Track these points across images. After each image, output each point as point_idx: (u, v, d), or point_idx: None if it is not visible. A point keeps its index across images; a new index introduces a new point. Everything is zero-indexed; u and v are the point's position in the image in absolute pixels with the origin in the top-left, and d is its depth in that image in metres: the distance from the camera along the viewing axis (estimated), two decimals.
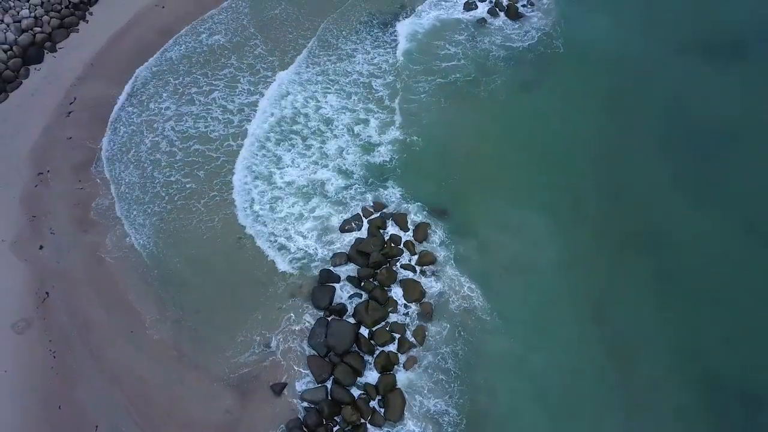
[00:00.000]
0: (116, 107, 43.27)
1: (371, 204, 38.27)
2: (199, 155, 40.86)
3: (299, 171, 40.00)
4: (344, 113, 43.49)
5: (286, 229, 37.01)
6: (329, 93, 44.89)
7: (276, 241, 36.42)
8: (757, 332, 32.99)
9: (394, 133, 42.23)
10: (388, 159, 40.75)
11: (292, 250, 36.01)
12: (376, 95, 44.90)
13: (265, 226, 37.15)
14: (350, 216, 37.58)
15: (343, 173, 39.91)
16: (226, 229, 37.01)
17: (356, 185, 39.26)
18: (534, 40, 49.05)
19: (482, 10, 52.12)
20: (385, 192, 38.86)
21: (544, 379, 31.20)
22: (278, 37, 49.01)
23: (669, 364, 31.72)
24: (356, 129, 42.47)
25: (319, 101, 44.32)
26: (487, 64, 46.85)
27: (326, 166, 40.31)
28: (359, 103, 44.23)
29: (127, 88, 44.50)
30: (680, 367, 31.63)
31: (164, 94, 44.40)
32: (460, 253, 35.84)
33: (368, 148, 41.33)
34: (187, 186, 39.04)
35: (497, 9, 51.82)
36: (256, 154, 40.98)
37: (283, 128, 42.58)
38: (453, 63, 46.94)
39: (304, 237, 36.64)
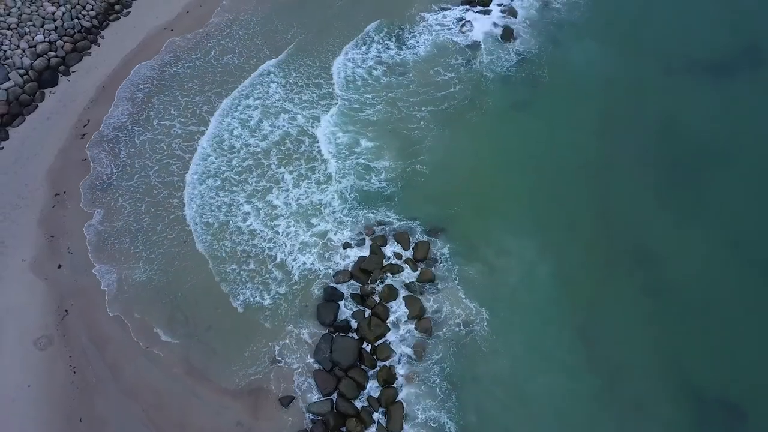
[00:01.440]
0: (122, 124, 44.80)
1: (373, 223, 40.05)
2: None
3: (300, 191, 41.57)
4: (344, 135, 45.01)
5: (287, 245, 38.71)
6: (329, 115, 46.28)
7: (280, 259, 38.19)
8: (741, 346, 34.70)
9: (394, 155, 43.71)
10: (389, 180, 42.21)
11: (296, 268, 37.76)
12: (373, 119, 46.14)
13: (270, 242, 38.96)
14: (352, 235, 39.38)
15: (344, 194, 41.44)
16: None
17: (357, 205, 40.87)
18: (528, 62, 50.32)
19: (478, 32, 53.79)
20: (387, 212, 40.52)
21: (539, 396, 32.85)
22: (289, 60, 50.66)
23: (658, 381, 33.36)
24: (356, 150, 44.00)
25: (321, 123, 45.81)
26: (482, 88, 48.32)
27: (327, 187, 41.84)
28: (361, 127, 45.63)
29: (129, 106, 45.90)
30: (668, 383, 33.31)
31: (173, 111, 45.95)
32: (459, 271, 37.53)
33: (369, 169, 42.93)
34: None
35: (493, 31, 53.53)
36: (252, 172, 42.76)
37: (286, 147, 44.28)
38: (450, 90, 48.24)
39: (308, 255, 38.35)
